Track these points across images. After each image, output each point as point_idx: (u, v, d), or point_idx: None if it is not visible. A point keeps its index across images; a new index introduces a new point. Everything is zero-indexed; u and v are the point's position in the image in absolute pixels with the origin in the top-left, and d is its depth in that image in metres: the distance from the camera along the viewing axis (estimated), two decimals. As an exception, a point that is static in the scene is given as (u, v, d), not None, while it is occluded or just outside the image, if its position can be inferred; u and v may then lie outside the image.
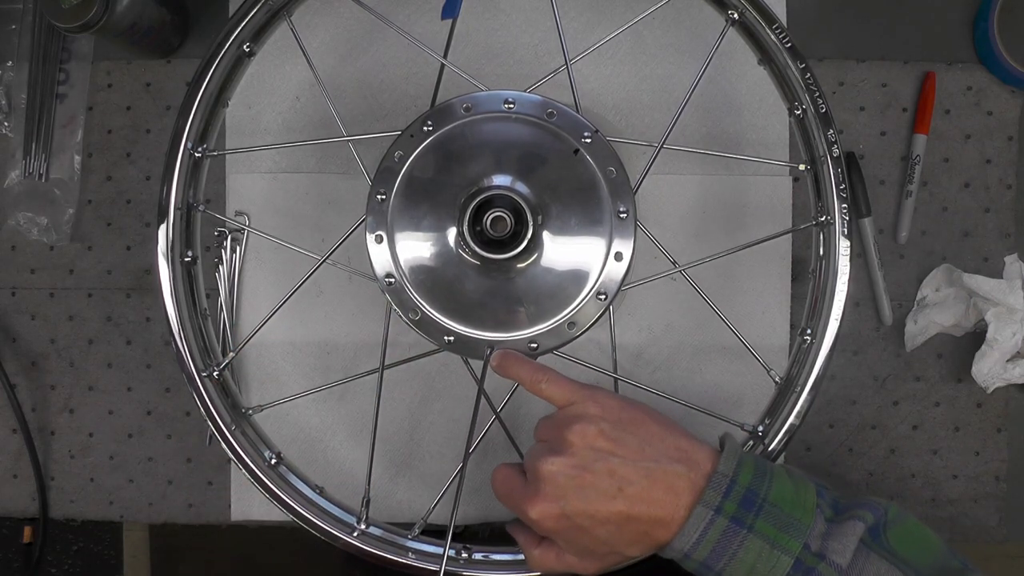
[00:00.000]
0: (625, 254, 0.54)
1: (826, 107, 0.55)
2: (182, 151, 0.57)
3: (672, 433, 0.49)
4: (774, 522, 0.45)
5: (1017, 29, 0.66)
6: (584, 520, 0.47)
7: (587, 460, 0.47)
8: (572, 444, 0.48)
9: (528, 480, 0.49)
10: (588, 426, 0.48)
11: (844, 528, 0.46)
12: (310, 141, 0.69)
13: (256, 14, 0.57)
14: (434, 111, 0.55)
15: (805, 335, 0.56)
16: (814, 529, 0.46)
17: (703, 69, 0.56)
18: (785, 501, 0.46)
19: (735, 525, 0.45)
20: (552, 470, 0.47)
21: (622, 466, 0.47)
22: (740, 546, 0.45)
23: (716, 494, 0.46)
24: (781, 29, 0.56)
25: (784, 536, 0.45)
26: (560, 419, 0.50)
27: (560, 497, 0.47)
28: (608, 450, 0.47)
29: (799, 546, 0.45)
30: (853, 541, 0.45)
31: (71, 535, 1.38)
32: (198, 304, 0.58)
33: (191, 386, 0.56)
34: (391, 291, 0.55)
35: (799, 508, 0.46)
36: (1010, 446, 0.69)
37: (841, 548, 0.45)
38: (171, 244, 0.56)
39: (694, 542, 0.46)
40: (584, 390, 0.50)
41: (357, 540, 0.56)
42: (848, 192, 0.55)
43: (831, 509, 0.48)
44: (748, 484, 0.47)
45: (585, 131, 0.55)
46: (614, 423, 0.48)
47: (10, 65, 0.72)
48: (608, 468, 0.47)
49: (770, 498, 0.46)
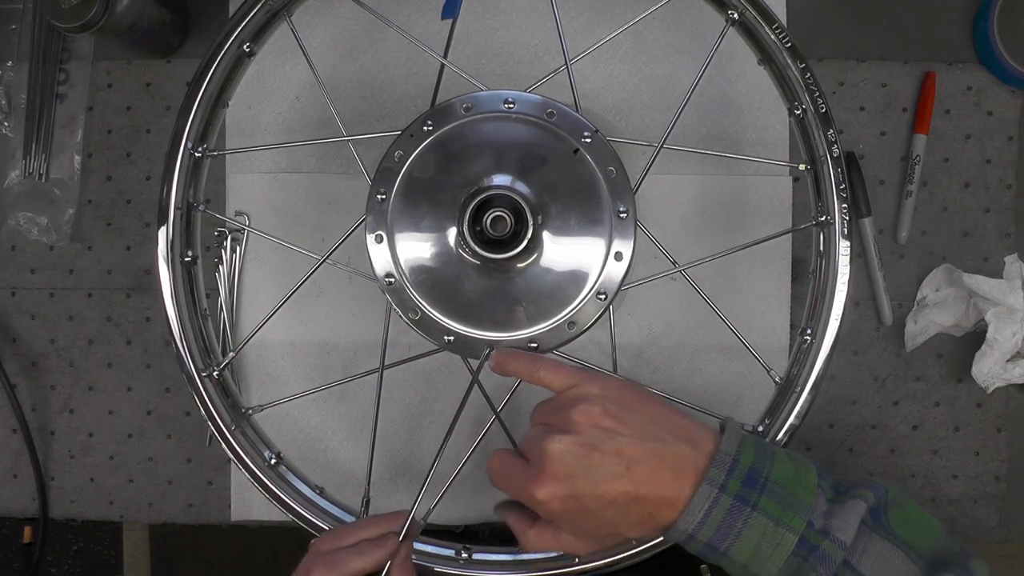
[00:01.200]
0: (625, 254, 0.54)
1: (826, 107, 0.55)
2: (182, 151, 0.57)
3: (673, 412, 0.49)
4: (778, 500, 0.45)
5: (1017, 29, 0.66)
6: (591, 501, 0.46)
7: (595, 439, 0.46)
8: (577, 423, 0.47)
9: (532, 461, 0.48)
10: (592, 406, 0.47)
11: (846, 507, 0.46)
12: (310, 141, 0.69)
13: (256, 14, 0.57)
14: (434, 111, 0.55)
15: (805, 335, 0.56)
16: (816, 508, 0.46)
17: (703, 69, 0.56)
18: (787, 480, 0.46)
19: (739, 503, 0.45)
20: (560, 449, 0.46)
21: (629, 445, 0.46)
22: (745, 524, 0.45)
23: (720, 472, 0.46)
24: (781, 29, 0.56)
25: (788, 514, 0.45)
26: (561, 401, 0.49)
27: (569, 476, 0.46)
28: (614, 429, 0.47)
29: (803, 523, 0.45)
30: (856, 519, 0.45)
31: (71, 535, 1.38)
32: (198, 304, 0.58)
33: (191, 386, 0.56)
34: (391, 291, 0.55)
35: (801, 487, 0.46)
36: (1010, 446, 0.69)
37: (844, 526, 0.45)
38: (171, 244, 0.56)
39: (699, 521, 0.45)
40: (583, 372, 0.50)
41: None
42: (848, 192, 0.55)
43: (832, 490, 0.47)
44: (751, 463, 0.46)
45: (585, 131, 0.55)
46: (617, 402, 0.48)
47: (10, 65, 0.72)
48: (616, 447, 0.46)
49: (772, 477, 0.46)
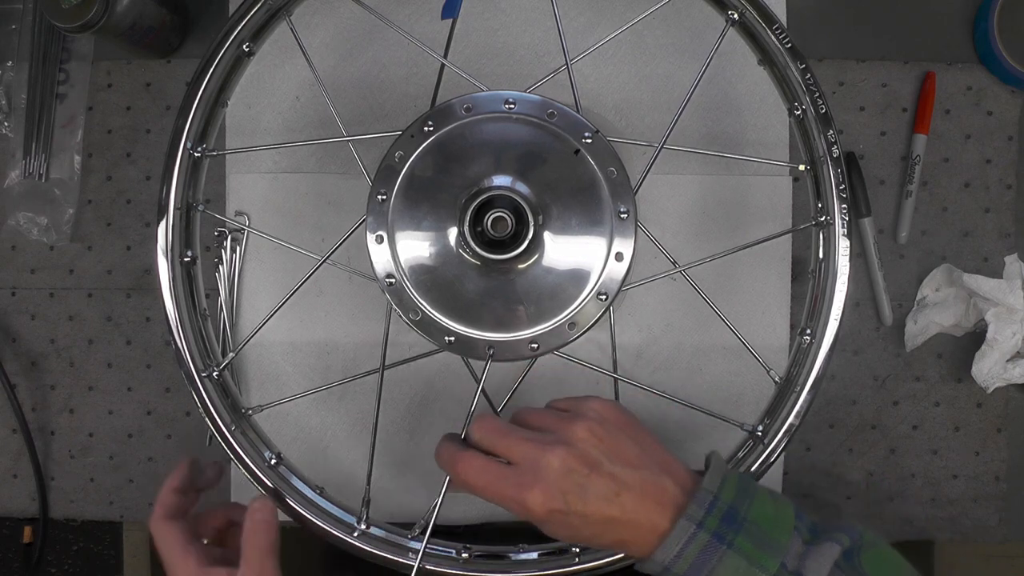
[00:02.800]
0: (626, 254, 0.54)
1: (826, 107, 0.55)
2: (181, 151, 0.57)
3: (659, 445, 0.50)
4: (753, 540, 0.46)
5: (1017, 29, 0.66)
6: (577, 519, 0.47)
7: (594, 459, 0.47)
8: (580, 439, 0.47)
9: (523, 468, 0.47)
10: (594, 425, 0.48)
11: (821, 549, 0.47)
12: (310, 141, 0.69)
13: (256, 14, 0.57)
14: (434, 111, 0.55)
15: (805, 335, 0.56)
16: (792, 549, 0.46)
17: (703, 69, 0.56)
18: (765, 520, 0.47)
19: (716, 541, 0.46)
20: (559, 462, 0.46)
21: (623, 471, 0.47)
22: (719, 562, 0.45)
23: (699, 509, 0.46)
24: (781, 29, 0.56)
25: (762, 554, 0.46)
26: (561, 414, 0.49)
27: (564, 491, 0.46)
28: (612, 452, 0.47)
29: (776, 564, 0.46)
30: (829, 562, 0.46)
31: (71, 535, 1.38)
32: (198, 304, 0.58)
33: (191, 386, 0.56)
34: (392, 291, 0.55)
35: (778, 528, 0.47)
36: (1010, 446, 0.69)
37: (817, 567, 0.46)
38: (171, 244, 0.56)
39: (675, 555, 0.46)
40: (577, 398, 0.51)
41: (358, 540, 0.56)
42: (848, 192, 0.55)
43: (809, 532, 0.48)
44: (731, 501, 0.47)
45: (586, 131, 0.55)
46: (616, 426, 0.48)
47: (10, 65, 0.72)
48: (611, 471, 0.47)
49: (751, 516, 0.47)
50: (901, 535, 0.70)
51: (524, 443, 0.47)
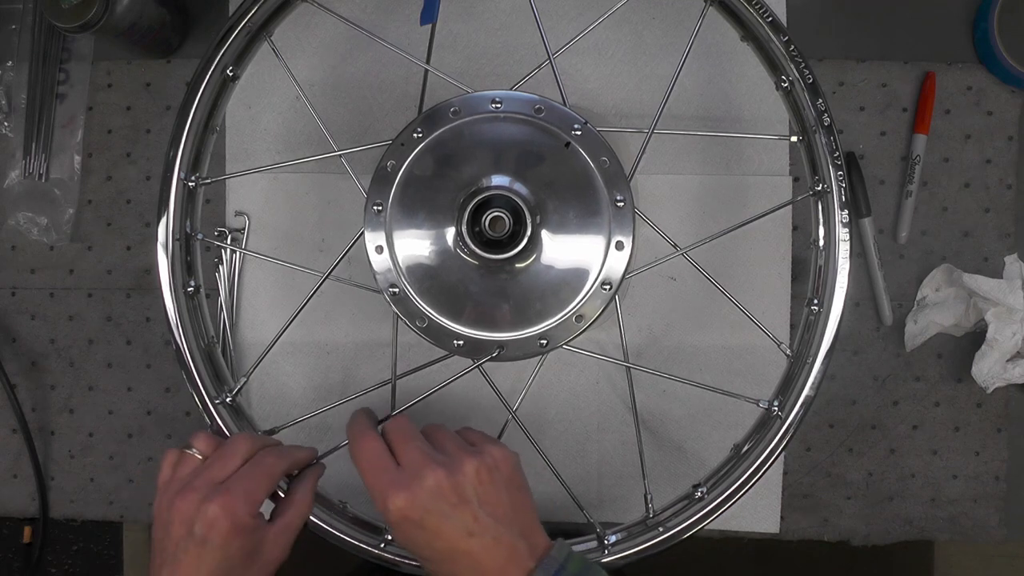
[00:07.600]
0: (626, 243, 0.54)
1: (812, 77, 0.55)
2: (175, 182, 0.56)
3: (534, 512, 0.52)
4: None
5: (1017, 29, 0.66)
6: (427, 536, 0.49)
7: (468, 495, 0.49)
8: (465, 473, 0.49)
9: (404, 472, 0.49)
10: (483, 468, 0.50)
11: None
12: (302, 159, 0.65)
13: (236, 38, 0.57)
14: (422, 117, 0.55)
15: (812, 305, 0.56)
16: None
17: (687, 49, 0.56)
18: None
19: None
20: (434, 483, 0.48)
21: (485, 518, 0.49)
22: None
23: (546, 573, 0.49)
24: (760, 4, 0.55)
25: None
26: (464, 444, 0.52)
27: (426, 508, 0.48)
28: (485, 498, 0.49)
29: None
30: None
31: (71, 535, 1.38)
32: (205, 332, 0.58)
33: (206, 415, 0.56)
34: (396, 301, 0.55)
35: None
36: (1010, 446, 0.69)
37: None
38: (172, 273, 0.56)
39: None
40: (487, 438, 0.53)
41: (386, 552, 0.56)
42: (843, 160, 0.55)
43: None
44: (575, 572, 0.49)
45: (575, 124, 0.55)
46: (505, 478, 0.51)
47: (10, 65, 0.72)
48: (475, 513, 0.49)
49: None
50: (901, 535, 0.70)
51: (416, 452, 0.50)
